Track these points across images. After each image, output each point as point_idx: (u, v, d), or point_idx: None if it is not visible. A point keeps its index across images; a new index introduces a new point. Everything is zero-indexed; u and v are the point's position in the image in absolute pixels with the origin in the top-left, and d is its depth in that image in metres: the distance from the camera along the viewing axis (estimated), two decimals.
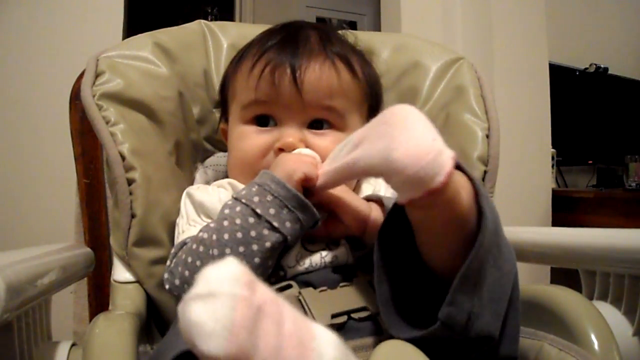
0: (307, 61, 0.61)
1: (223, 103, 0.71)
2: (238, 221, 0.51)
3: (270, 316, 0.29)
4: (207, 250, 0.52)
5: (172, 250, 0.58)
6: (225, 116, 0.71)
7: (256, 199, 0.51)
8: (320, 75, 0.61)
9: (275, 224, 0.51)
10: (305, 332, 0.30)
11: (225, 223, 0.52)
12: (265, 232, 0.51)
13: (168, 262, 0.57)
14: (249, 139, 0.63)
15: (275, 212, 0.51)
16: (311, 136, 0.62)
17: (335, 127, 0.63)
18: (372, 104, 0.68)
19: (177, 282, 0.54)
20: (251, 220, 0.51)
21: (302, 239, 0.57)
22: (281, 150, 0.60)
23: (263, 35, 0.67)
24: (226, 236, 0.51)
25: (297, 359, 0.28)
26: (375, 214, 0.57)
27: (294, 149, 0.60)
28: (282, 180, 0.52)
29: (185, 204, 0.63)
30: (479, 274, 0.43)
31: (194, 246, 0.53)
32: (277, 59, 0.61)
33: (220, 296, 0.27)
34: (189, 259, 0.53)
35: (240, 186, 0.61)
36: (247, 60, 0.64)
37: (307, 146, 0.61)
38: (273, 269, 0.54)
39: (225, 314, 0.27)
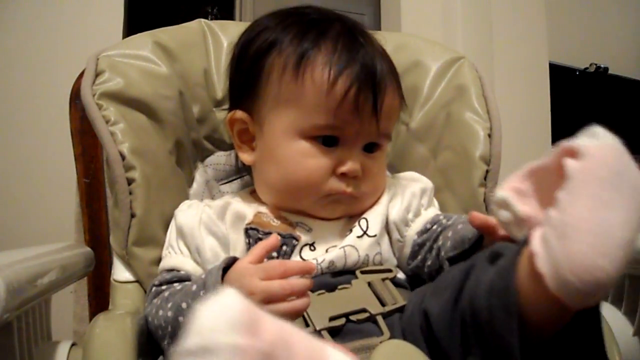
0: (385, 88, 0.60)
1: (247, 89, 0.63)
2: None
3: None
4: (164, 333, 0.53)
5: (148, 293, 0.59)
6: (244, 107, 0.64)
7: None
8: (391, 104, 0.62)
9: None
10: None
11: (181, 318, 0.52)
12: None
13: (146, 304, 0.59)
14: (314, 158, 0.59)
15: None
16: (366, 160, 0.61)
17: (381, 149, 0.64)
18: None
19: (152, 327, 0.55)
20: None
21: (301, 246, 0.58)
22: (344, 175, 0.59)
23: (317, 35, 0.60)
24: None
25: None
26: None
27: (355, 176, 0.60)
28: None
29: (171, 225, 0.63)
30: None
31: (158, 316, 0.54)
32: (360, 82, 0.57)
33: (216, 350, 0.21)
34: (157, 322, 0.54)
35: (236, 205, 0.62)
36: (317, 67, 0.58)
37: (363, 171, 0.60)
38: None
39: None
